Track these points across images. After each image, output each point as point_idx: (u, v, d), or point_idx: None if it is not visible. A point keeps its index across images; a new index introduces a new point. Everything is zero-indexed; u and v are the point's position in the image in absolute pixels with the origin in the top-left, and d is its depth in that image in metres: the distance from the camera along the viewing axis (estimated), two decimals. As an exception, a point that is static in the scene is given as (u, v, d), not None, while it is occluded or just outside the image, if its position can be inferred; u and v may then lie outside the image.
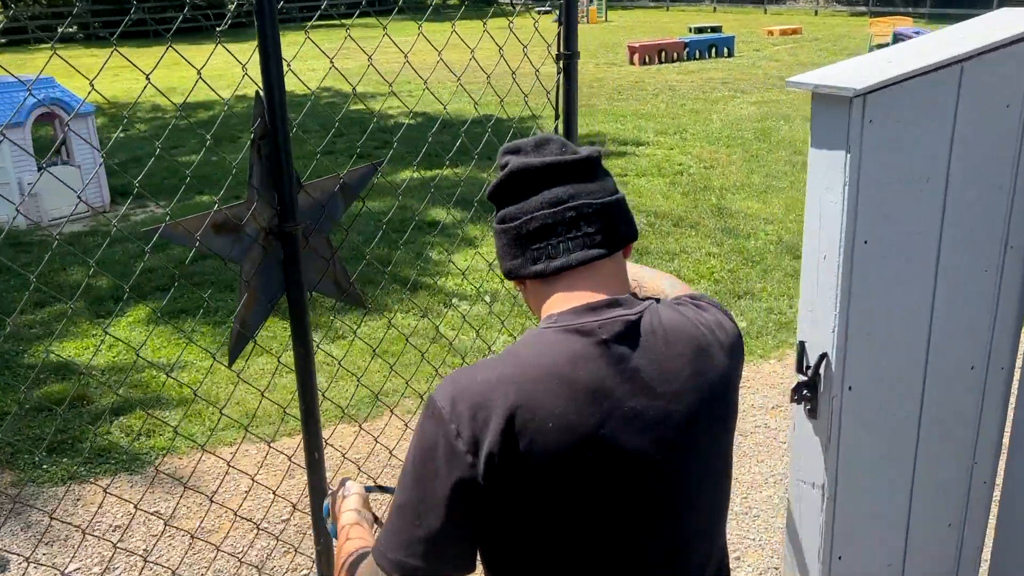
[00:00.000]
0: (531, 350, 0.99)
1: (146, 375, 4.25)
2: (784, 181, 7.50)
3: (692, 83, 14.31)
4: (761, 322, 4.52)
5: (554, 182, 1.05)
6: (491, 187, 1.10)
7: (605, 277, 1.05)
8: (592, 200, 1.04)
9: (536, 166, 1.05)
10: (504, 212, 1.08)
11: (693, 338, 1.04)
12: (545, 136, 1.10)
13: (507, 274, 1.08)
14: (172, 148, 10.84)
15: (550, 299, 1.05)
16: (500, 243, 1.08)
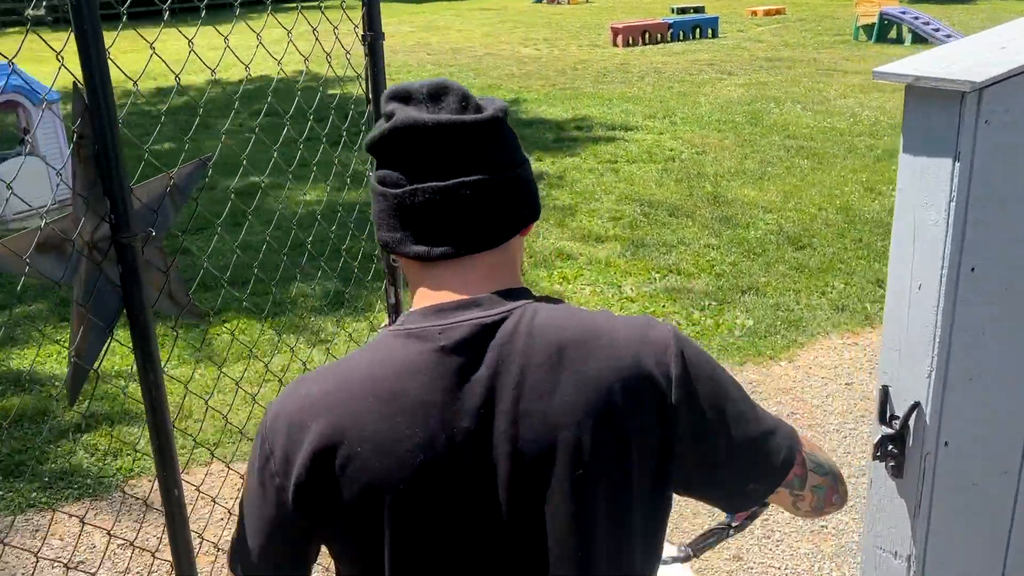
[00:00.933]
0: (364, 359, 0.90)
1: (113, 385, 3.95)
2: (779, 167, 7.28)
3: (678, 65, 14.04)
4: (769, 320, 4.30)
5: (449, 147, 0.87)
6: (371, 139, 0.91)
7: (487, 269, 0.91)
8: (493, 175, 0.89)
9: (429, 125, 0.87)
10: (384, 173, 0.90)
11: (580, 348, 0.85)
12: (441, 81, 0.90)
13: (384, 245, 0.93)
14: (143, 135, 10.43)
15: (420, 287, 0.92)
16: (378, 207, 0.92)
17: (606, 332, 0.88)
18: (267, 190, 7.44)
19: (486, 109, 0.91)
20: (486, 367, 0.85)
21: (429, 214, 0.88)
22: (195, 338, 4.43)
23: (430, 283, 0.91)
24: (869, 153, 7.58)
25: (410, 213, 0.88)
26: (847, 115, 9.24)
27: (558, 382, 0.84)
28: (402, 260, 0.94)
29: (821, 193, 6.44)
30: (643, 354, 0.87)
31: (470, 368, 0.85)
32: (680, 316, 4.41)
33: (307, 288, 5.03)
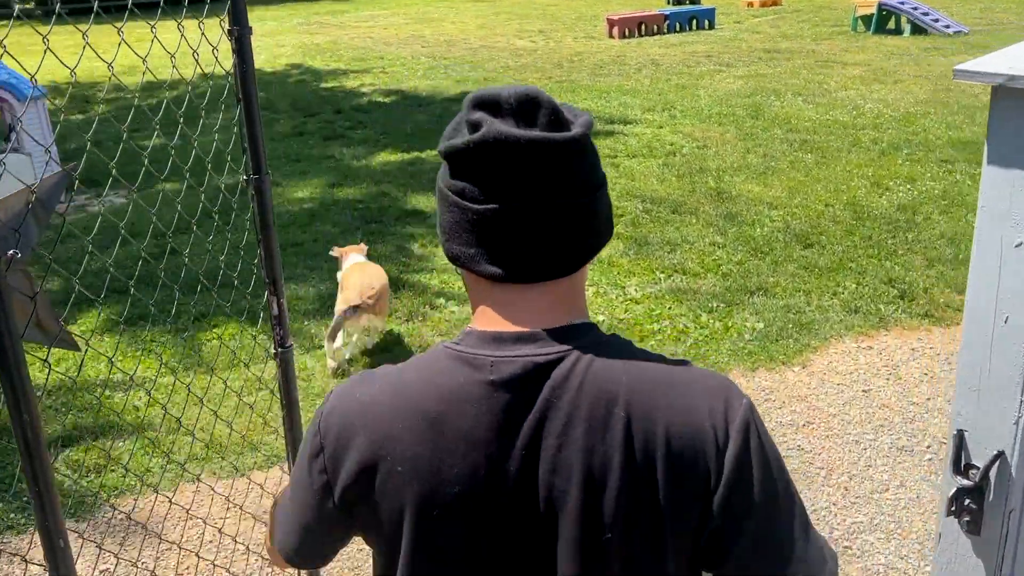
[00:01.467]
0: (415, 374, 0.89)
1: (99, 395, 3.79)
2: (783, 162, 7.13)
3: (675, 57, 13.86)
4: (780, 323, 4.15)
5: (538, 166, 0.83)
6: (452, 146, 0.85)
7: (555, 298, 0.87)
8: (578, 198, 0.85)
9: (522, 142, 0.82)
10: (463, 185, 0.86)
11: (633, 405, 0.81)
12: (530, 91, 0.85)
13: (453, 258, 0.89)
14: (133, 131, 10.21)
15: (483, 305, 0.90)
16: (451, 218, 0.87)
17: (665, 391, 0.83)
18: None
19: (573, 123, 0.86)
20: (535, 410, 0.83)
21: (509, 235, 0.84)
22: (183, 344, 4.26)
23: (494, 305, 0.88)
24: (874, 147, 7.43)
25: (489, 231, 0.84)
26: (849, 108, 9.09)
27: (602, 438, 0.81)
28: (468, 275, 0.91)
29: (827, 188, 6.29)
30: (703, 423, 0.81)
31: (518, 408, 0.83)
32: (687, 319, 4.26)
33: (300, 290, 4.86)
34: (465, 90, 11.60)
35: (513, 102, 0.84)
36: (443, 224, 0.89)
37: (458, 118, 0.89)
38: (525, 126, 0.83)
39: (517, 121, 0.83)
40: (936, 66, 11.71)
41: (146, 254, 5.65)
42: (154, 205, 6.98)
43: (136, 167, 7.64)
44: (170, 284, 5.00)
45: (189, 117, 7.78)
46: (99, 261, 5.53)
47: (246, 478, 3.12)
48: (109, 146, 9.45)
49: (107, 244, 5.83)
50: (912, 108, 8.87)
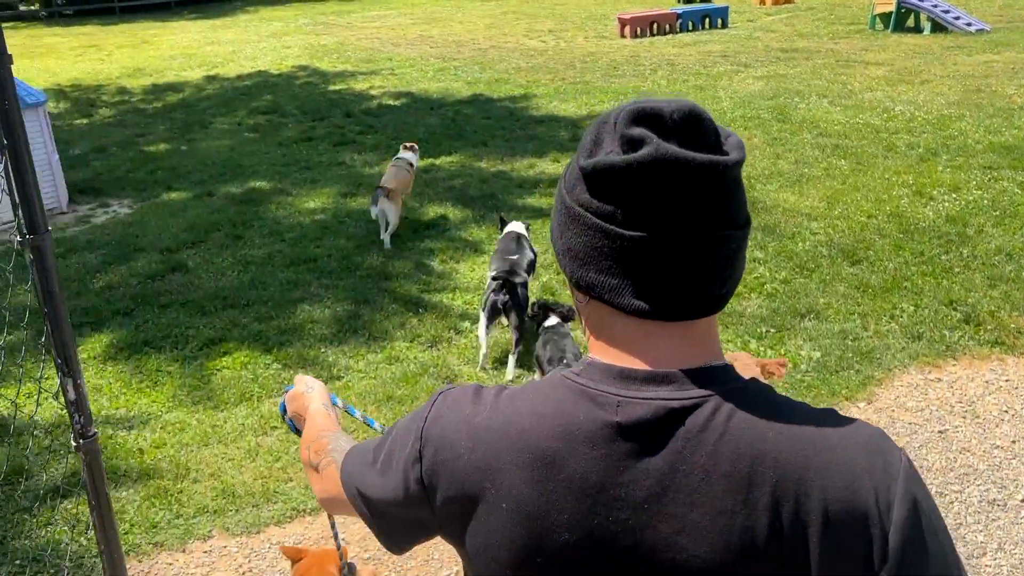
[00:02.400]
0: (531, 404, 0.81)
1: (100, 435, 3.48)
2: (817, 168, 6.81)
3: (690, 57, 13.55)
4: (838, 351, 3.83)
5: (705, 192, 0.75)
6: (604, 165, 0.76)
7: (694, 338, 0.79)
8: (737, 230, 0.77)
9: (692, 165, 0.73)
10: (613, 208, 0.76)
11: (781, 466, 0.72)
12: (691, 107, 0.77)
13: (581, 286, 0.81)
14: (138, 136, 9.92)
15: (608, 335, 0.81)
16: (588, 242, 0.78)
17: (818, 449, 0.73)
18: (269, 196, 6.97)
19: (728, 143, 0.78)
20: (664, 459, 0.75)
21: (663, 267, 0.76)
22: (191, 374, 3.96)
23: (625, 338, 0.80)
24: (911, 152, 7.10)
25: (639, 261, 0.76)
26: (879, 110, 8.76)
27: (745, 500, 0.72)
28: (597, 304, 0.82)
29: (867, 198, 5.97)
30: (863, 485, 0.72)
31: (645, 454, 0.76)
32: (735, 345, 3.94)
33: (315, 312, 4.55)
34: (477, 92, 11.30)
35: (678, 119, 0.76)
36: (575, 248, 0.80)
37: (599, 130, 0.80)
38: (691, 146, 0.75)
39: (682, 140, 0.75)
40: (962, 65, 11.37)
41: (151, 271, 5.39)
42: (161, 215, 6.74)
43: (142, 174, 7.34)
44: (177, 305, 4.71)
45: (195, 121, 7.39)
46: (102, 279, 5.24)
47: (263, 536, 2.82)
48: (114, 152, 9.18)
49: (110, 260, 5.54)
50: (945, 110, 8.53)
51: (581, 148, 0.80)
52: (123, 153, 9.08)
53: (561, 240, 0.82)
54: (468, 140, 8.59)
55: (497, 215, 5.12)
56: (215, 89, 12.78)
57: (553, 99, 10.50)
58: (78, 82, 14.38)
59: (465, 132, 8.93)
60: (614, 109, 0.79)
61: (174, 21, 23.12)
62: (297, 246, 5.64)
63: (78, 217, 6.81)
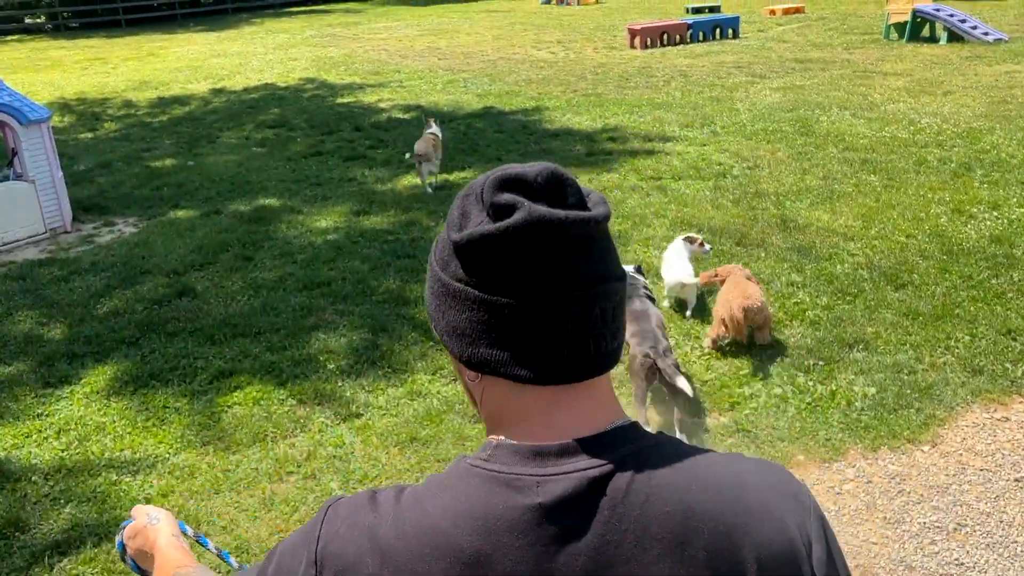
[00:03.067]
0: (441, 503, 0.74)
1: (103, 480, 3.24)
2: (846, 184, 6.56)
3: (703, 68, 13.35)
4: (893, 386, 3.56)
5: (583, 248, 0.75)
6: (479, 235, 0.73)
7: (597, 398, 0.77)
8: (619, 281, 0.78)
9: (567, 223, 0.73)
10: (493, 278, 0.74)
11: (712, 517, 0.71)
12: (552, 168, 0.77)
13: (473, 364, 0.77)
14: (144, 151, 9.73)
15: (509, 410, 0.77)
16: (472, 318, 0.75)
17: (740, 497, 0.73)
18: (279, 214, 6.75)
19: (591, 199, 0.78)
20: (593, 533, 0.71)
21: (558, 329, 0.74)
22: (201, 411, 3.72)
23: (527, 411, 0.76)
24: (943, 167, 6.85)
25: (531, 327, 0.73)
26: (904, 122, 8.51)
27: (682, 562, 0.70)
28: (491, 381, 0.77)
29: (904, 216, 5.71)
30: (787, 527, 0.73)
31: (573, 533, 0.71)
32: (782, 380, 3.69)
33: (330, 340, 4.30)
34: (488, 105, 11.09)
35: (542, 181, 0.76)
36: (460, 326, 0.77)
37: (463, 203, 0.78)
38: (558, 206, 0.75)
39: (550, 201, 0.75)
40: (983, 76, 11.13)
41: (158, 295, 5.16)
42: (167, 235, 6.52)
43: (148, 191, 7.08)
44: (185, 334, 4.47)
45: (201, 136, 7.15)
46: (106, 304, 5.01)
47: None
48: (119, 167, 8.98)
49: (115, 284, 5.30)
50: (974, 123, 8.28)
51: (449, 223, 0.78)
52: (128, 169, 8.88)
53: (443, 320, 0.78)
54: (482, 155, 8.36)
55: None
56: (221, 102, 12.60)
57: (566, 112, 10.28)
58: (83, 95, 14.23)
59: (478, 146, 8.71)
60: (475, 181, 0.78)
61: (180, 33, 23.01)
62: (309, 268, 5.40)
63: (82, 237, 6.60)
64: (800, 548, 0.73)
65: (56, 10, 26.41)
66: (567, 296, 0.73)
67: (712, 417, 3.43)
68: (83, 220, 7.05)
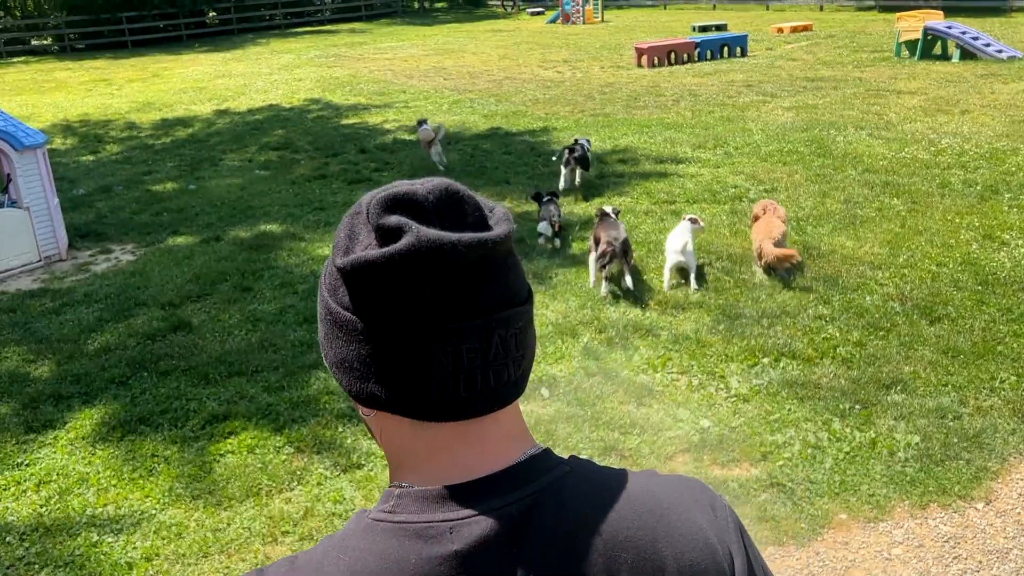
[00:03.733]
0: (344, 567, 0.67)
1: (83, 541, 2.98)
2: (868, 208, 6.31)
3: (712, 87, 13.17)
4: (939, 435, 3.30)
5: (481, 272, 0.69)
6: (363, 262, 0.67)
7: (506, 427, 0.72)
8: (523, 305, 0.72)
9: (459, 247, 0.67)
10: (382, 306, 0.68)
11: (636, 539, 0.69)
12: (448, 185, 0.70)
13: (364, 399, 0.71)
14: (146, 174, 9.56)
15: (411, 450, 0.72)
16: (362, 351, 0.69)
17: (660, 516, 0.71)
18: (280, 241, 6.53)
19: (493, 216, 0.72)
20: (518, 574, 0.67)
21: (456, 361, 0.68)
22: (191, 459, 3.47)
23: (431, 450, 0.71)
24: (969, 190, 6.60)
25: (427, 359, 0.68)
26: (924, 143, 8.28)
27: None
28: (389, 419, 0.71)
29: (932, 243, 5.46)
30: (709, 541, 0.72)
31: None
32: (816, 426, 3.42)
33: (331, 380, 4.06)
34: (495, 125, 10.91)
35: (434, 200, 0.69)
36: (349, 359, 0.70)
37: (352, 223, 0.71)
38: (454, 227, 0.69)
39: (443, 222, 0.69)
40: (1001, 94, 10.91)
41: (152, 329, 4.93)
42: (165, 263, 6.31)
43: (147, 216, 6.84)
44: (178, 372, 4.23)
45: (204, 158, 6.88)
46: (97, 340, 4.78)
47: None
48: (119, 192, 8.80)
49: (107, 317, 5.08)
50: (996, 143, 8.04)
51: (336, 245, 0.72)
52: (129, 192, 8.70)
53: (332, 352, 0.73)
54: (489, 177, 8.16)
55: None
56: (225, 124, 12.46)
57: (575, 132, 10.08)
58: (87, 117, 14.12)
59: (486, 169, 8.51)
60: (365, 197, 0.72)
61: (185, 54, 22.99)
62: (310, 299, 5.17)
63: (77, 265, 6.39)
64: (722, 560, 0.72)
65: (63, 32, 26.51)
66: (463, 327, 0.68)
67: (743, 468, 3.17)
68: (79, 247, 6.84)
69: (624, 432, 3.40)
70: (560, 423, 3.51)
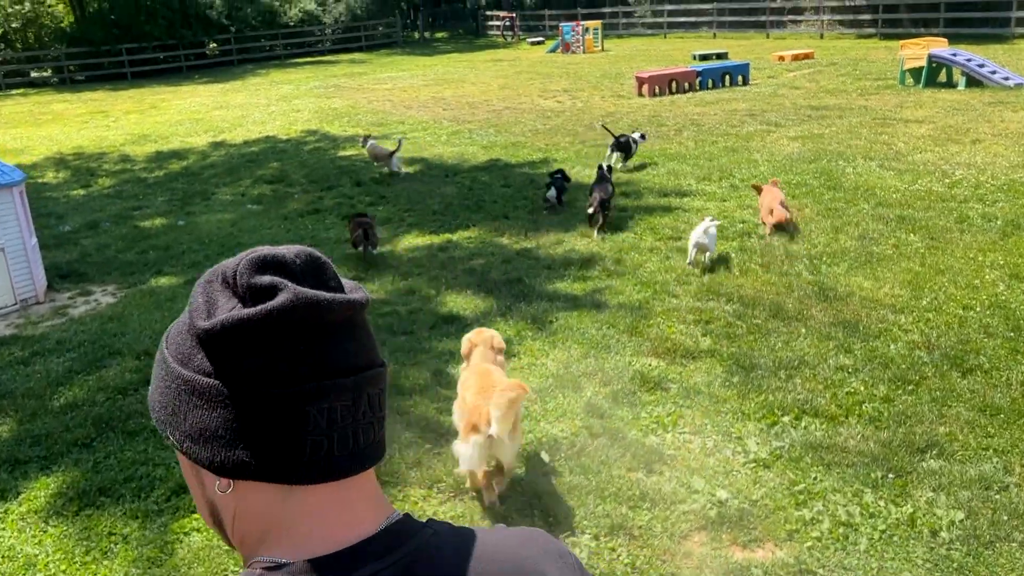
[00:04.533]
0: None
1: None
2: (884, 245, 6.01)
3: (715, 116, 12.96)
4: (985, 510, 2.95)
5: (348, 331, 0.71)
6: (235, 321, 0.67)
7: (370, 491, 0.73)
8: (381, 370, 0.74)
9: (333, 305, 0.69)
10: (252, 367, 0.67)
11: None
12: (311, 251, 0.73)
13: (227, 469, 0.68)
14: (135, 209, 9.30)
15: (277, 520, 0.69)
16: (228, 414, 0.67)
17: (517, 565, 0.75)
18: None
19: (347, 285, 0.75)
20: None
21: (327, 420, 0.68)
22: (152, 539, 3.12)
23: (298, 518, 0.69)
24: (989, 225, 6.30)
25: (297, 420, 0.67)
26: (937, 174, 8.00)
27: None
28: (248, 489, 0.69)
29: (955, 284, 5.14)
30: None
31: None
32: (846, 499, 3.08)
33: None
34: (494, 157, 10.67)
35: (301, 263, 0.71)
36: (210, 428, 0.68)
37: (208, 289, 0.70)
38: (320, 289, 0.70)
39: (312, 285, 0.70)
40: (1011, 123, 10.66)
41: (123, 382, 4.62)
42: (145, 307, 6.01)
43: (132, 255, 6.47)
44: (147, 432, 3.90)
45: (196, 192, 6.46)
46: (64, 395, 4.45)
47: None
48: (106, 228, 8.53)
49: (78, 368, 4.76)
50: (1013, 175, 7.76)
51: (194, 312, 0.70)
52: (116, 229, 8.43)
53: (186, 423, 0.69)
54: (487, 212, 7.88)
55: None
56: (220, 156, 12.24)
57: (575, 164, 9.83)
58: (81, 150, 13.92)
59: (484, 203, 8.23)
60: (219, 266, 0.71)
61: (185, 86, 22.92)
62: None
63: (55, 308, 6.09)
64: None
65: (62, 64, 26.50)
66: (337, 383, 0.69)
67: (767, 550, 2.82)
68: (59, 288, 6.55)
69: (633, 506, 3.05)
70: (562, 495, 3.17)
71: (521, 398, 2.95)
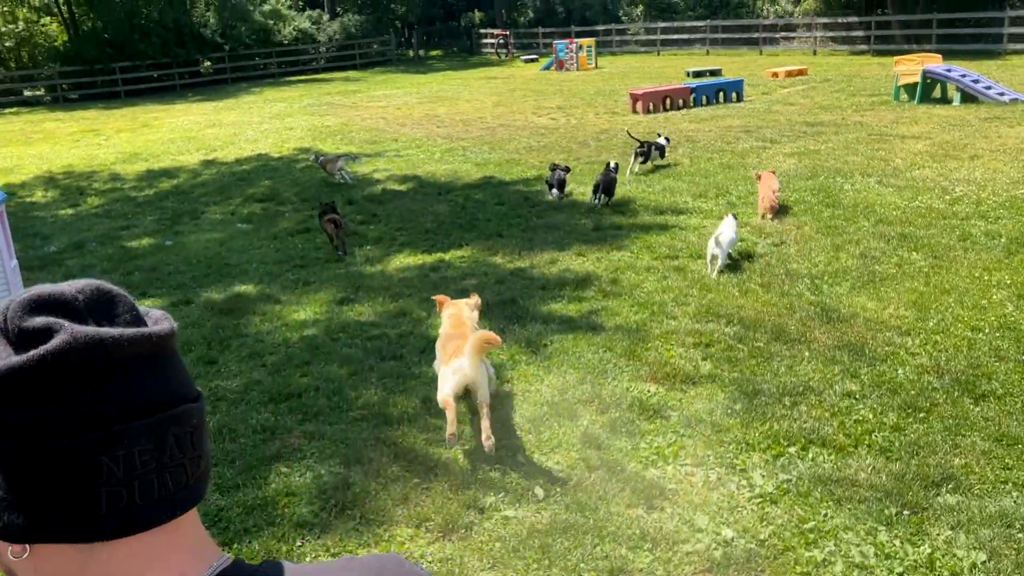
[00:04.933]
0: None
1: None
2: (887, 264, 5.86)
3: (710, 133, 12.87)
4: (1008, 551, 2.77)
5: (141, 370, 0.65)
6: (6, 369, 0.62)
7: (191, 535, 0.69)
8: (192, 406, 0.69)
9: (121, 342, 0.64)
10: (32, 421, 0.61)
11: None
12: (97, 285, 0.68)
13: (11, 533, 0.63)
14: (123, 228, 9.12)
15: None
16: (16, 474, 0.62)
17: None
18: (254, 304, 6.06)
19: (149, 317, 0.69)
20: None
21: (130, 465, 0.63)
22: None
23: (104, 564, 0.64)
24: (993, 243, 6.16)
25: (91, 471, 0.62)
26: (937, 191, 7.88)
27: None
28: (44, 552, 0.64)
29: (962, 304, 4.99)
30: None
31: None
32: (859, 537, 2.90)
33: (293, 477, 3.53)
34: (488, 175, 10.55)
35: (84, 299, 0.66)
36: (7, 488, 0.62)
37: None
38: (108, 326, 0.65)
39: (97, 322, 0.65)
40: (1008, 139, 10.58)
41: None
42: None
43: (118, 277, 6.22)
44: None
45: (185, 211, 6.22)
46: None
47: None
48: (92, 248, 8.35)
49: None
50: (1014, 191, 7.64)
51: None
52: (102, 250, 8.25)
53: None
54: (481, 231, 7.72)
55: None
56: (211, 175, 12.08)
57: (570, 182, 9.69)
58: (71, 169, 13.76)
59: (477, 221, 8.08)
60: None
61: (178, 104, 22.83)
62: (279, 374, 4.67)
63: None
64: None
65: (55, 82, 26.41)
66: (133, 427, 0.63)
67: (776, 595, 2.64)
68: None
69: (633, 547, 2.87)
70: (557, 535, 2.98)
71: (493, 344, 3.49)
